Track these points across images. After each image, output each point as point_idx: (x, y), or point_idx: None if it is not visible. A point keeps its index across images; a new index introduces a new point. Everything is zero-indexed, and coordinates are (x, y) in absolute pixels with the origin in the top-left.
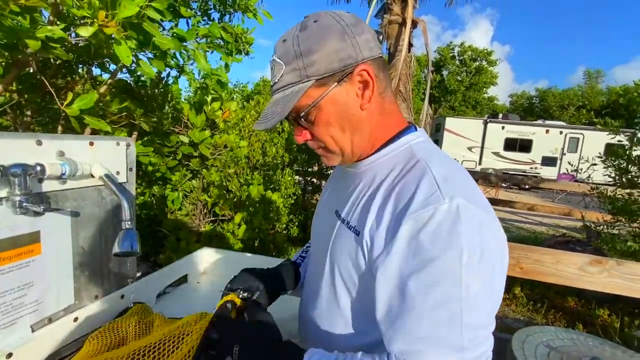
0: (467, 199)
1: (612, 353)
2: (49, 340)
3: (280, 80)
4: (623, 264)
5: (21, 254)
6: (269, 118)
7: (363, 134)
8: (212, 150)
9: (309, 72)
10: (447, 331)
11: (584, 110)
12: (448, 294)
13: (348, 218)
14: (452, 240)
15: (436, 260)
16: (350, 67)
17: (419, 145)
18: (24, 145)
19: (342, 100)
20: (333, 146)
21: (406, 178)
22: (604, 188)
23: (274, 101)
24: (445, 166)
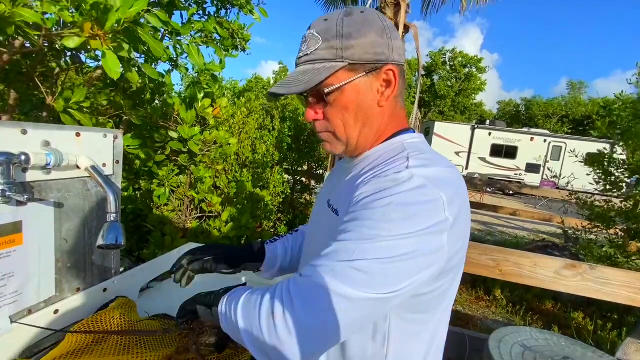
0: (430, 180)
1: (583, 353)
2: (28, 331)
3: (313, 53)
4: (596, 269)
5: (2, 243)
6: (293, 84)
7: (372, 128)
8: (202, 146)
9: (345, 55)
10: (339, 263)
11: (566, 120)
12: (356, 234)
13: (334, 204)
14: (389, 194)
15: (368, 205)
16: (381, 63)
17: (411, 144)
18: (8, 134)
19: (365, 91)
20: (341, 133)
21: (384, 167)
22: (583, 195)
23: (302, 70)
24: (428, 160)
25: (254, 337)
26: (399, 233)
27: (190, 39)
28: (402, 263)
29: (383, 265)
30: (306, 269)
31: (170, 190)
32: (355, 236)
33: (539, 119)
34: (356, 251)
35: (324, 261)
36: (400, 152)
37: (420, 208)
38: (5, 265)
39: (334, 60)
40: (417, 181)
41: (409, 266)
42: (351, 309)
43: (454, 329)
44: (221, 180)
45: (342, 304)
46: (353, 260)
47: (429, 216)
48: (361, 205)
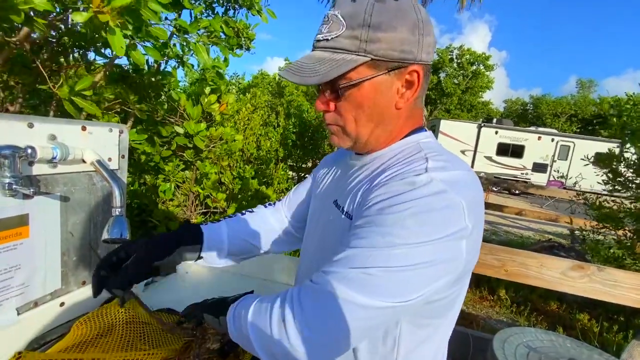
0: (450, 185)
1: (589, 355)
2: (34, 323)
3: (334, 39)
4: (604, 270)
5: (9, 236)
6: (308, 74)
7: (385, 129)
8: (207, 142)
9: (369, 48)
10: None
11: (575, 119)
12: (369, 240)
13: (343, 204)
14: (405, 200)
15: (383, 211)
16: (406, 62)
17: (427, 143)
18: (15, 127)
19: (384, 90)
20: (352, 129)
21: (402, 167)
22: (591, 195)
23: (319, 58)
24: (447, 162)
25: (265, 345)
26: (415, 241)
27: (197, 37)
28: (417, 271)
29: (397, 274)
30: (317, 275)
31: (176, 185)
32: (369, 242)
33: (547, 118)
34: (369, 258)
35: (335, 268)
36: (416, 152)
37: (439, 214)
38: (11, 258)
39: (356, 53)
40: (437, 186)
41: (424, 275)
42: (363, 317)
43: (458, 329)
44: (226, 176)
45: (354, 312)
46: (366, 267)
47: (449, 223)
48: (376, 209)
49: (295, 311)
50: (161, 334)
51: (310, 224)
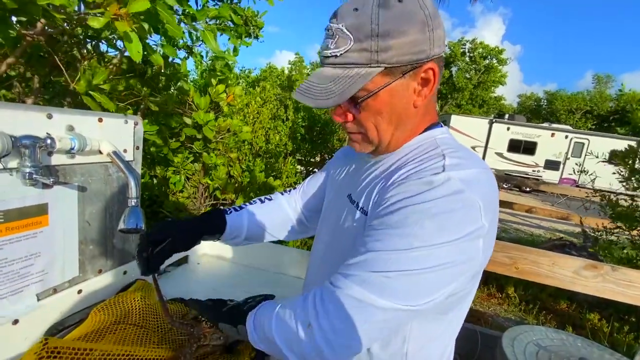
0: (467, 184)
1: (600, 355)
2: (53, 309)
3: (343, 55)
4: (618, 270)
5: (29, 224)
6: (323, 95)
7: (405, 129)
8: (215, 133)
9: (381, 58)
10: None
11: (590, 116)
12: (388, 243)
13: (358, 200)
14: (424, 200)
15: (400, 211)
16: (420, 62)
17: (443, 139)
18: (34, 118)
19: (400, 93)
20: (373, 135)
21: (419, 164)
22: (606, 193)
23: (333, 77)
24: (464, 159)
25: (296, 349)
26: (434, 242)
27: (206, 26)
28: (436, 273)
29: (416, 277)
30: (337, 278)
31: (186, 177)
32: (388, 245)
33: (562, 114)
34: (389, 262)
35: (355, 271)
36: (432, 148)
37: (456, 215)
38: (32, 245)
39: (368, 66)
40: (454, 185)
41: (443, 276)
42: (383, 319)
43: (466, 325)
44: (235, 169)
45: (375, 315)
46: (386, 271)
47: (466, 223)
48: (394, 209)
49: (320, 316)
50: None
51: (324, 215)
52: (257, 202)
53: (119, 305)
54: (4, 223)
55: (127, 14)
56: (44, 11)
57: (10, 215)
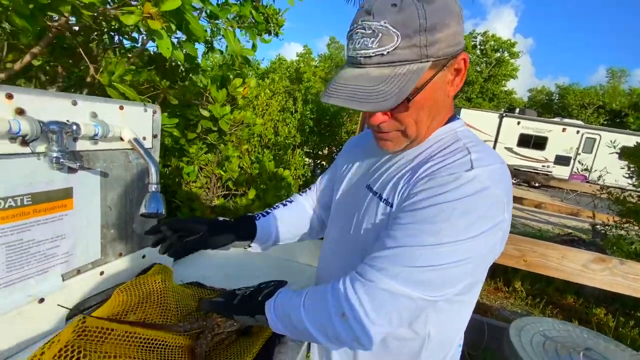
0: (492, 180)
1: (606, 346)
2: (77, 290)
3: (391, 53)
4: (626, 264)
5: (55, 207)
6: (379, 98)
7: (439, 120)
8: (231, 124)
9: (430, 52)
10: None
11: (603, 111)
12: (419, 239)
13: (381, 191)
14: (454, 197)
15: (431, 207)
16: (457, 53)
17: (464, 133)
18: (61, 104)
19: (440, 85)
20: (412, 131)
21: (445, 159)
22: (616, 189)
23: (380, 77)
24: (486, 153)
25: (329, 334)
26: (461, 238)
27: (227, 23)
28: (463, 267)
29: (444, 271)
30: (366, 270)
31: (199, 168)
32: (418, 241)
33: (573, 109)
34: (420, 257)
35: (387, 264)
36: (454, 140)
37: (483, 212)
38: (58, 228)
39: (418, 61)
40: (481, 182)
41: (467, 268)
42: (414, 307)
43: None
44: (244, 161)
45: (406, 304)
46: (417, 267)
47: (491, 218)
48: (424, 205)
49: (355, 307)
50: (192, 306)
51: (338, 205)
52: (280, 207)
53: (141, 286)
54: (32, 205)
55: (158, 12)
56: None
57: (37, 198)
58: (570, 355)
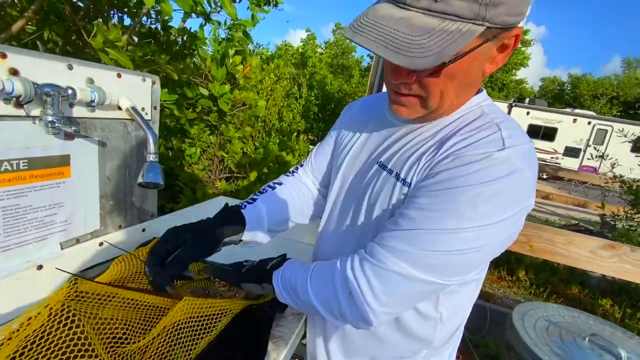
0: (525, 161)
1: (612, 333)
2: (76, 259)
3: (446, 2)
4: (637, 251)
5: (52, 174)
6: (415, 52)
7: (465, 97)
8: (231, 105)
9: (488, 15)
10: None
11: (616, 102)
12: (439, 222)
13: (398, 170)
14: (482, 180)
15: (454, 189)
16: (514, 25)
17: (490, 108)
18: (56, 67)
19: (481, 58)
20: (434, 102)
21: (472, 135)
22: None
23: (426, 28)
24: (517, 130)
25: (334, 311)
26: (485, 223)
27: None
28: (482, 252)
29: (464, 256)
30: (379, 251)
31: (201, 149)
32: (437, 224)
33: (586, 99)
34: (437, 242)
35: (401, 245)
36: (479, 115)
37: (512, 196)
38: (55, 195)
39: (473, 21)
40: (513, 164)
41: (487, 253)
42: (427, 290)
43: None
44: (248, 146)
45: (418, 288)
46: (434, 251)
47: (518, 203)
48: (446, 184)
49: (363, 288)
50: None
51: (341, 185)
52: (268, 190)
53: (140, 257)
54: (28, 170)
55: None
56: None
57: (33, 163)
58: (575, 340)
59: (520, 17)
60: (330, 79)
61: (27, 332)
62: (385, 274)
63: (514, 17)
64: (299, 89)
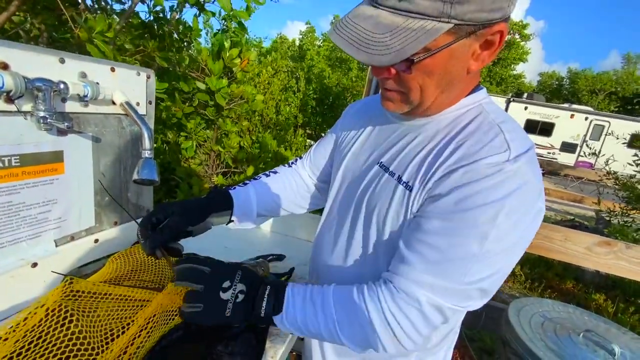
0: (532, 169)
1: (606, 329)
2: (71, 256)
3: (410, 1)
4: (632, 248)
5: (45, 170)
6: (377, 49)
7: (450, 94)
8: (228, 100)
9: (454, 12)
10: (453, 284)
11: (614, 97)
12: (465, 248)
13: (399, 172)
14: (498, 196)
15: (472, 210)
16: (492, 21)
17: (490, 107)
18: (47, 61)
19: (459, 55)
20: (415, 97)
21: (476, 137)
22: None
23: (390, 26)
24: (519, 132)
25: (370, 348)
26: (509, 242)
27: None
28: (510, 266)
29: (491, 278)
30: (412, 287)
31: (197, 144)
32: (463, 251)
33: (584, 95)
34: (468, 272)
35: (433, 279)
36: (478, 113)
37: (526, 207)
38: (48, 192)
39: (437, 19)
40: (523, 176)
41: (507, 269)
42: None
43: None
44: (245, 140)
45: (448, 315)
46: (466, 282)
47: (532, 211)
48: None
49: (408, 331)
50: None
51: (341, 183)
52: (261, 177)
53: (135, 255)
54: (20, 167)
55: None
56: None
57: (25, 159)
58: (570, 336)
59: (499, 12)
60: (328, 72)
61: (23, 331)
62: (425, 312)
63: (488, 14)
64: (297, 82)
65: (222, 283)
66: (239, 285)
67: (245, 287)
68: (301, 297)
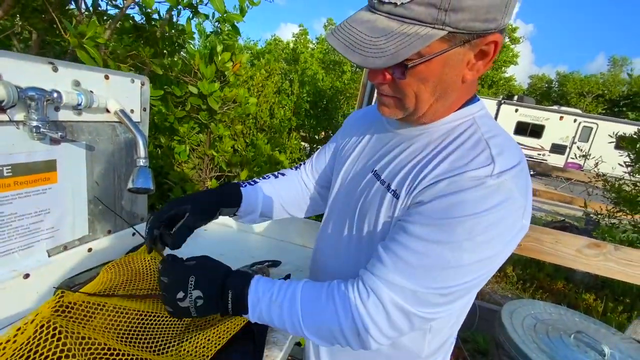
0: (516, 184)
1: (596, 329)
2: (64, 266)
3: (405, 6)
4: (620, 249)
5: (38, 180)
6: (371, 52)
7: (445, 102)
8: (221, 104)
9: (448, 20)
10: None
11: (602, 99)
12: (440, 255)
13: (390, 181)
14: (477, 210)
15: (451, 219)
16: (486, 32)
17: (483, 120)
18: (40, 69)
19: (454, 63)
20: (410, 103)
21: (462, 150)
22: (611, 178)
23: (385, 30)
24: (507, 146)
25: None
26: (484, 255)
27: None
28: (482, 279)
29: (462, 287)
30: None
31: (191, 148)
32: (438, 261)
33: (572, 97)
34: (438, 279)
35: (401, 280)
36: (469, 126)
37: (506, 223)
38: (41, 201)
39: (432, 25)
40: (506, 191)
41: (482, 280)
42: (430, 319)
43: None
44: (239, 144)
45: (419, 321)
46: (435, 288)
47: (512, 227)
48: (443, 214)
49: (371, 329)
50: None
51: (339, 190)
52: (270, 177)
53: (129, 264)
54: (12, 177)
55: None
56: None
57: (18, 169)
58: (561, 337)
59: (493, 23)
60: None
61: (12, 349)
62: (389, 312)
63: (482, 24)
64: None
65: (177, 294)
66: (194, 292)
67: (201, 293)
68: (269, 294)
